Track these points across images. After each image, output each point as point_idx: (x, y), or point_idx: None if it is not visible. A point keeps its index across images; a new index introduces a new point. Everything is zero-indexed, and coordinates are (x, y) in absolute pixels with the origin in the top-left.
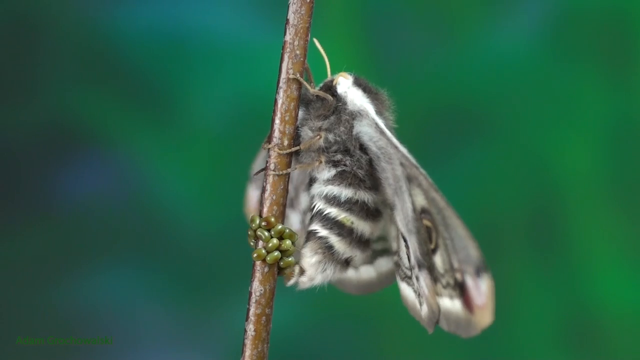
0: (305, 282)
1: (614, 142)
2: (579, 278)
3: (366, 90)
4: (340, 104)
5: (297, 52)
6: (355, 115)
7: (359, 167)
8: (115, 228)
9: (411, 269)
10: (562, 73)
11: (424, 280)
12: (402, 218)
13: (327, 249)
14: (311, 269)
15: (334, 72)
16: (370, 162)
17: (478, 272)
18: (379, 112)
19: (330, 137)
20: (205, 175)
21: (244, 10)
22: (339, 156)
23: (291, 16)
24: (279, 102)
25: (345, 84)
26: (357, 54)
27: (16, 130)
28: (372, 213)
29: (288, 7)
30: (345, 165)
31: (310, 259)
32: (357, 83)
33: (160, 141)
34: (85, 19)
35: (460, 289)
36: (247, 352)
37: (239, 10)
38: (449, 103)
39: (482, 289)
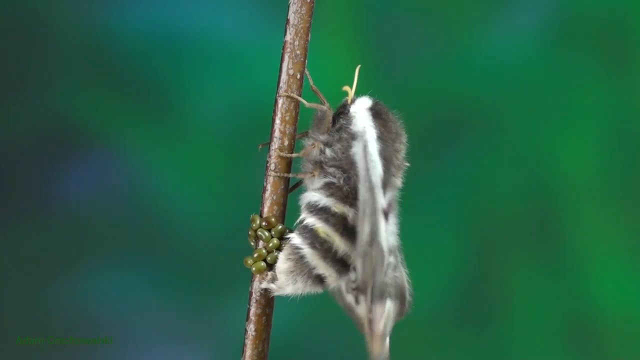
0: (275, 289)
1: (614, 142)
2: (578, 278)
3: (377, 115)
4: (345, 123)
5: (298, 52)
6: (355, 136)
7: (347, 184)
8: (114, 228)
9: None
10: (561, 73)
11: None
12: (358, 241)
13: (299, 259)
14: (281, 277)
15: (340, 83)
16: None
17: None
18: (383, 139)
19: (328, 152)
20: (205, 175)
21: (244, 10)
22: (332, 169)
23: (291, 16)
24: (279, 101)
25: (359, 105)
26: (357, 54)
27: (13, 131)
28: (349, 230)
29: (288, 7)
30: (334, 177)
31: (282, 264)
32: (373, 108)
33: (159, 141)
34: (83, 19)
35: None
36: (248, 352)
37: (239, 10)
38: (449, 103)
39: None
